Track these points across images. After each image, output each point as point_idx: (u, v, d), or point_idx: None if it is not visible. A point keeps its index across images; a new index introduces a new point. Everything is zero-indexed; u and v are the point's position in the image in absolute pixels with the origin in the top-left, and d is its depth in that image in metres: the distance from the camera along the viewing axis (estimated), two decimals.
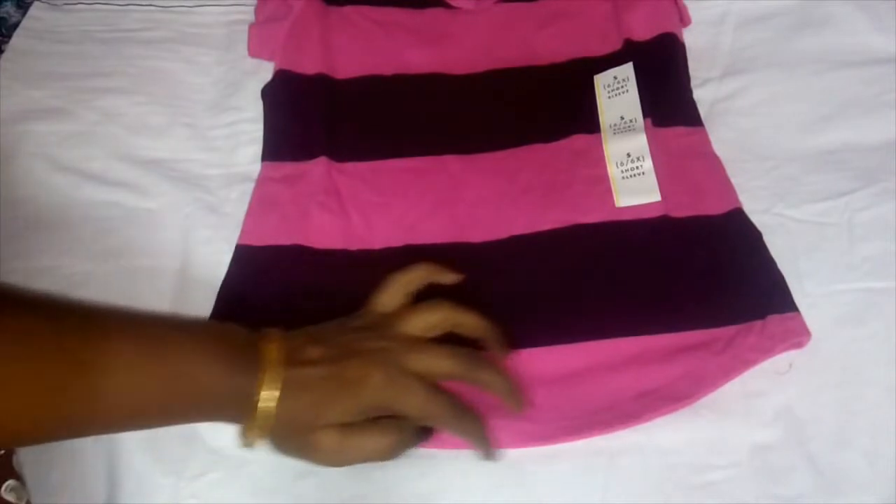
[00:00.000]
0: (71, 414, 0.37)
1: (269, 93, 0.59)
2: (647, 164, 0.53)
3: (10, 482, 0.43)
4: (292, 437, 0.41)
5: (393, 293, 0.45)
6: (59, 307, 0.38)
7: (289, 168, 0.55)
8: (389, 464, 0.44)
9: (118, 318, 0.40)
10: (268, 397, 0.39)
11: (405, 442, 0.42)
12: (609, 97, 0.57)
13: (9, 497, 0.43)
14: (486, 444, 0.43)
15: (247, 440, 0.41)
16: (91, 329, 0.38)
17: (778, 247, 0.50)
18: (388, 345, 0.42)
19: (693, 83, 0.59)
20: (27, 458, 0.45)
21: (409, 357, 0.42)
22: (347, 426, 0.40)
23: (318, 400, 0.40)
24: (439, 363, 0.42)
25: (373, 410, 0.41)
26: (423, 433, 0.43)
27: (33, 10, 0.65)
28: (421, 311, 0.44)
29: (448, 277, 0.46)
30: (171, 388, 0.39)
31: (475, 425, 0.43)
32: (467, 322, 0.45)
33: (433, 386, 0.42)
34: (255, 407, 0.39)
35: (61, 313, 0.38)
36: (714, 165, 0.54)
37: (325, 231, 0.52)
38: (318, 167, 0.55)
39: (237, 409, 0.40)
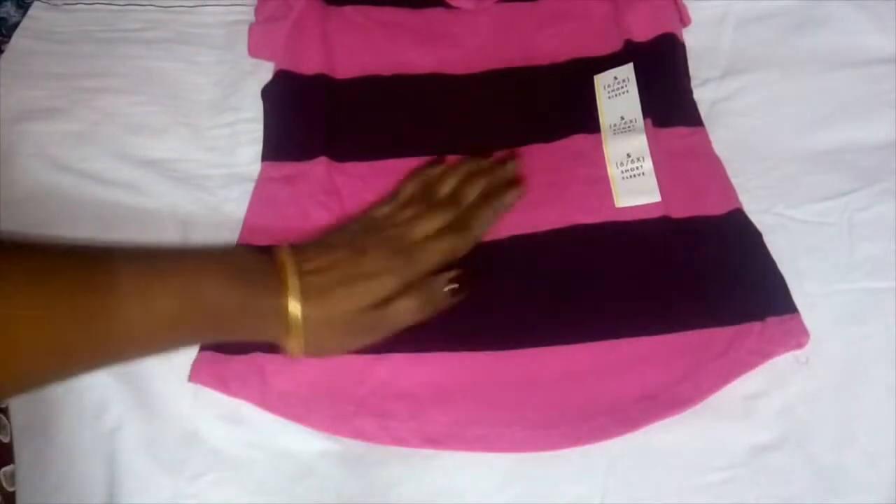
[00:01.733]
0: (93, 340, 0.38)
1: (269, 93, 0.59)
2: (647, 164, 0.53)
3: (9, 468, 0.43)
4: (332, 334, 0.44)
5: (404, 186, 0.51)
6: (66, 247, 0.40)
7: (289, 168, 0.55)
8: (389, 464, 0.44)
9: (126, 249, 0.41)
10: (292, 307, 0.42)
11: (439, 290, 0.46)
12: (609, 97, 0.57)
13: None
14: (511, 200, 0.51)
15: (287, 351, 0.44)
16: (100, 260, 0.39)
17: (778, 247, 0.50)
18: (390, 232, 0.47)
19: (693, 83, 0.59)
20: (27, 458, 0.45)
21: (413, 231, 0.47)
22: (379, 304, 0.44)
23: (345, 295, 0.43)
24: (438, 219, 0.48)
25: (400, 289, 0.45)
26: (455, 278, 0.47)
27: (33, 11, 0.65)
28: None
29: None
30: (188, 306, 0.40)
31: (488, 213, 0.50)
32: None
33: (437, 233, 0.48)
34: (281, 318, 0.42)
35: (68, 251, 0.40)
36: (714, 166, 0.54)
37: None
38: (318, 167, 0.55)
39: (265, 324, 0.43)
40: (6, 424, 0.45)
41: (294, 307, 0.42)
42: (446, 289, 0.46)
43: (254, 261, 0.44)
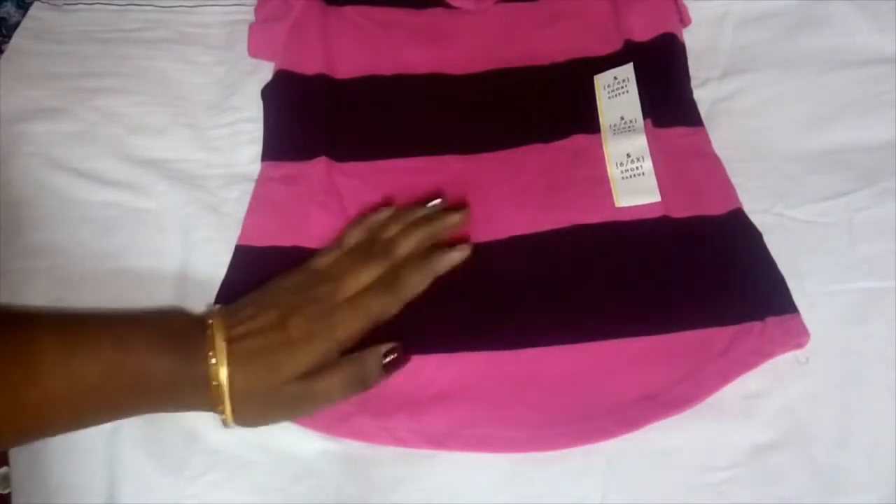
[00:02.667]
0: (15, 411, 0.38)
1: (269, 93, 0.59)
2: (647, 164, 0.53)
3: (4, 469, 0.43)
4: (258, 405, 0.42)
5: (352, 230, 0.50)
6: None
7: (289, 168, 0.55)
8: (389, 464, 0.44)
9: (52, 314, 0.41)
10: (219, 374, 0.41)
11: (372, 366, 0.44)
12: (609, 97, 0.57)
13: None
14: (446, 265, 0.48)
15: (223, 421, 0.42)
16: (22, 326, 0.39)
17: (778, 247, 0.50)
18: (319, 291, 0.45)
19: (693, 83, 0.59)
20: (27, 457, 0.45)
21: (343, 286, 0.45)
22: (308, 375, 0.42)
23: (270, 363, 0.42)
24: (371, 272, 0.46)
25: (329, 356, 0.43)
26: (390, 351, 0.45)
27: (33, 11, 0.65)
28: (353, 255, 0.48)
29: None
30: (114, 375, 0.39)
31: (417, 276, 0.47)
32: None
33: (365, 292, 0.46)
34: (209, 386, 0.41)
35: None
36: (714, 165, 0.54)
37: (325, 231, 0.52)
38: (319, 167, 0.55)
39: (193, 393, 0.41)
40: None
41: (221, 375, 0.41)
42: (383, 361, 0.45)
43: (184, 326, 0.43)
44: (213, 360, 0.41)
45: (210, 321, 0.43)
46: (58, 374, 0.38)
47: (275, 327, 0.43)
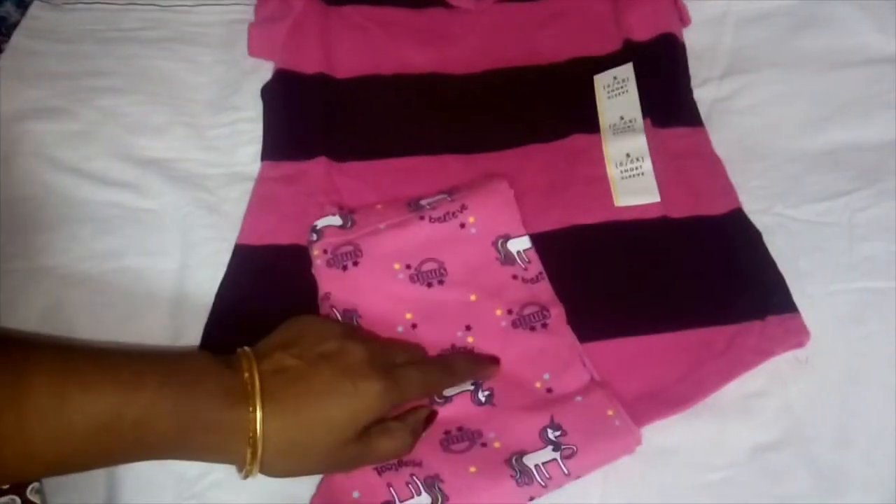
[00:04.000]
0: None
1: (268, 92, 0.59)
2: (647, 164, 0.53)
3: (35, 484, 0.42)
4: (298, 459, 0.40)
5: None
6: None
7: (288, 167, 0.55)
8: None
9: (43, 352, 0.37)
10: (251, 419, 0.38)
11: (419, 429, 0.43)
12: (609, 97, 0.57)
13: (34, 498, 0.43)
14: (490, 370, 0.46)
15: (244, 472, 0.39)
16: (8, 366, 0.36)
17: (778, 247, 0.50)
18: (371, 346, 0.42)
19: (693, 83, 0.59)
20: None
21: (391, 350, 0.43)
22: (363, 435, 0.40)
23: (325, 417, 0.39)
24: (412, 354, 0.45)
25: (383, 414, 0.41)
26: (430, 416, 0.44)
27: (33, 10, 0.65)
28: None
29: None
30: (108, 428, 0.36)
31: (470, 366, 0.45)
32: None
33: (421, 363, 0.44)
34: (239, 432, 0.38)
35: None
36: (714, 166, 0.54)
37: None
38: (318, 167, 0.55)
39: (213, 442, 0.38)
40: None
41: (256, 429, 0.37)
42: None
43: (207, 368, 0.39)
44: (243, 406, 0.37)
45: (244, 361, 0.39)
46: (47, 424, 0.35)
47: (326, 377, 0.39)
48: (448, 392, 0.45)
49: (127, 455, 0.39)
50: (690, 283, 0.49)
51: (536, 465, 0.42)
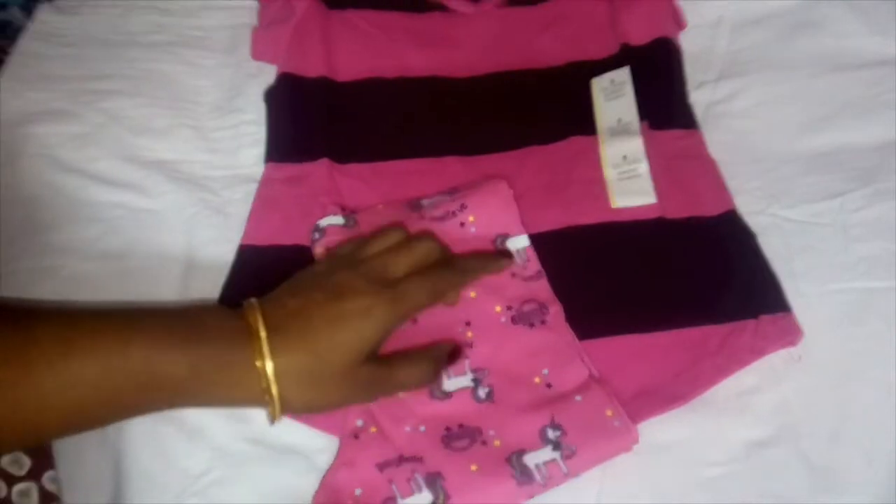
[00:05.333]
0: (13, 411, 0.35)
1: (271, 95, 0.60)
2: (643, 166, 0.54)
3: (51, 472, 0.43)
4: (317, 387, 0.40)
5: None
6: None
7: (291, 169, 0.56)
8: None
9: (47, 312, 0.38)
10: (265, 361, 0.38)
11: (442, 361, 0.44)
12: (606, 100, 0.58)
13: (50, 487, 0.43)
14: (500, 263, 0.47)
15: (269, 415, 0.40)
16: (15, 325, 0.36)
17: (773, 247, 0.51)
18: (369, 266, 0.43)
19: (689, 86, 0.59)
20: None
21: (393, 264, 0.43)
22: (385, 360, 0.41)
23: (328, 340, 0.39)
24: (416, 256, 0.44)
25: (391, 331, 0.42)
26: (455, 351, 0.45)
27: (38, 14, 0.65)
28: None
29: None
30: (113, 376, 0.36)
31: (476, 263, 0.46)
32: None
33: (429, 268, 0.44)
34: (252, 374, 0.38)
35: None
36: (709, 168, 0.55)
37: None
38: (320, 169, 0.55)
39: (228, 385, 0.38)
40: None
41: (265, 361, 0.38)
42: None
43: (213, 315, 0.40)
44: (252, 348, 0.38)
45: (244, 309, 0.40)
46: (55, 372, 0.35)
47: (324, 304, 0.40)
48: (448, 388, 0.46)
49: (140, 401, 0.39)
50: (685, 283, 0.49)
51: (536, 465, 0.42)
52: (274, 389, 0.38)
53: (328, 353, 0.39)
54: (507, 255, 0.46)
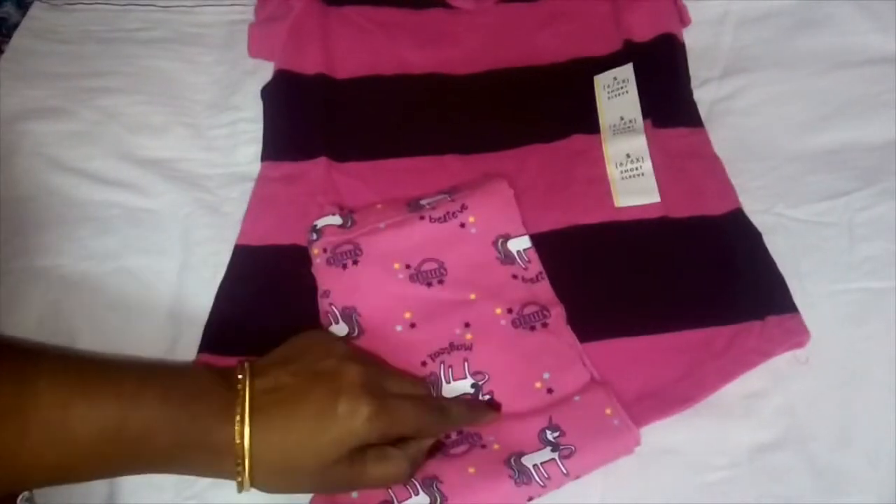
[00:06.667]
0: (1, 469, 0.36)
1: (268, 93, 0.60)
2: (647, 164, 0.53)
3: (25, 493, 0.42)
4: (289, 477, 0.40)
5: None
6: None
7: (288, 168, 0.55)
8: None
9: (48, 359, 0.38)
10: (243, 439, 0.38)
11: (416, 463, 0.42)
12: (609, 98, 0.57)
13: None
14: (487, 417, 0.44)
15: (238, 485, 0.39)
16: (14, 373, 0.36)
17: (778, 247, 0.50)
18: (370, 370, 0.41)
19: (693, 83, 0.59)
20: None
21: (391, 379, 0.42)
22: (357, 459, 0.40)
23: (314, 437, 0.38)
24: (418, 388, 0.44)
25: (371, 441, 0.40)
26: (435, 445, 0.43)
27: (33, 10, 0.65)
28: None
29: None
30: (110, 438, 0.37)
31: (467, 413, 0.44)
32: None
33: (418, 399, 0.43)
34: (230, 451, 0.38)
35: None
36: (714, 166, 0.54)
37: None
38: (318, 167, 0.55)
39: (208, 456, 0.38)
40: None
41: (243, 436, 0.38)
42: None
43: (206, 381, 0.39)
44: (233, 422, 0.38)
45: (240, 377, 0.40)
46: (50, 429, 0.35)
47: (318, 399, 0.39)
48: (448, 394, 0.45)
49: (126, 467, 0.39)
50: (690, 284, 0.49)
51: (535, 465, 0.42)
52: (247, 473, 0.38)
53: (306, 451, 0.39)
54: (496, 407, 0.45)
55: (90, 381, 0.37)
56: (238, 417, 0.38)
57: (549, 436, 0.43)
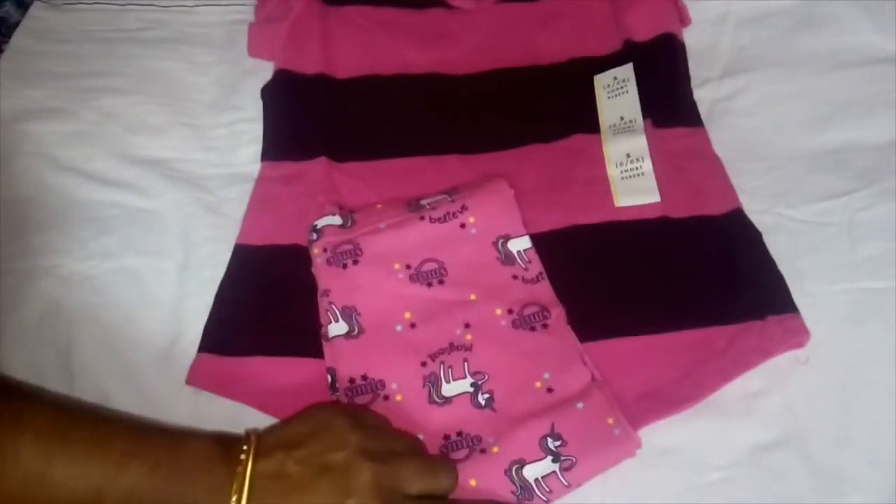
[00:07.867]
0: None
1: (268, 92, 0.59)
2: (647, 164, 0.53)
3: None
4: None
5: None
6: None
7: (288, 168, 0.55)
8: None
9: (39, 410, 0.36)
10: None
11: None
12: (609, 98, 0.57)
13: None
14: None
15: None
16: (8, 421, 0.35)
17: (778, 247, 0.50)
18: (376, 467, 0.38)
19: (693, 83, 0.59)
20: None
21: (403, 480, 0.39)
22: None
23: None
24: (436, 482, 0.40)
25: None
26: None
27: (33, 10, 0.65)
28: None
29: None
30: (90, 499, 0.35)
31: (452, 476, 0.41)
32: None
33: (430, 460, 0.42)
34: None
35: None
36: (714, 166, 0.54)
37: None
38: (318, 167, 0.55)
39: None
40: None
41: None
42: None
43: (206, 453, 0.37)
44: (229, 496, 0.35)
45: (241, 457, 0.37)
46: (29, 487, 0.34)
47: (326, 494, 0.36)
48: (447, 393, 0.45)
49: None
50: (690, 283, 0.49)
51: (536, 480, 0.42)
52: None
53: None
54: None
55: (77, 441, 0.36)
56: (234, 499, 0.36)
57: (551, 444, 0.43)
